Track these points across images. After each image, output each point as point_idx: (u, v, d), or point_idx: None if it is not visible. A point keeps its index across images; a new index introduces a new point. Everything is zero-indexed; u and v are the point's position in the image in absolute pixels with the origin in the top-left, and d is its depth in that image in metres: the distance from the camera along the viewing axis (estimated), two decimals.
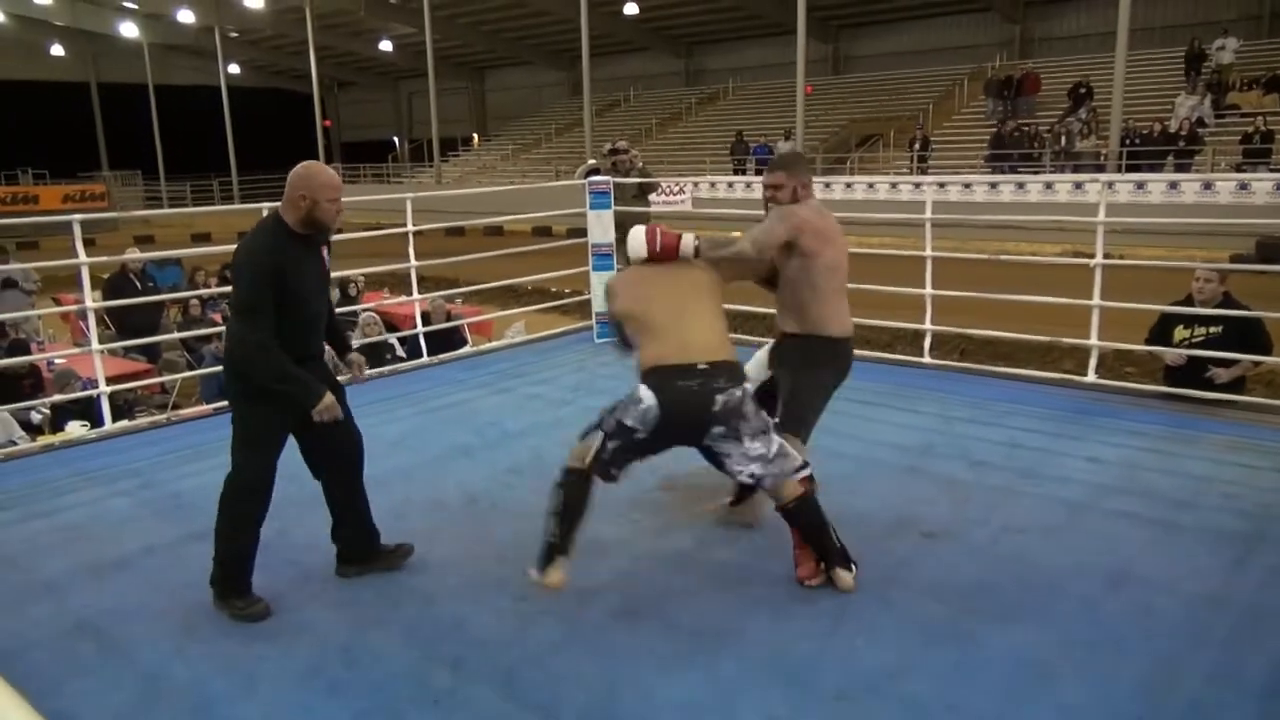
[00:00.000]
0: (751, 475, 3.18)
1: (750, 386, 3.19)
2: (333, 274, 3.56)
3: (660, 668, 2.84)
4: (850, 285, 6.48)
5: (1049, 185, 18.29)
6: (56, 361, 7.49)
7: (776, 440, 3.19)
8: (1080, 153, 19.90)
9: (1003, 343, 7.91)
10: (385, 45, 36.93)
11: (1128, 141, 18.83)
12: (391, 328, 8.81)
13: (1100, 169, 18.47)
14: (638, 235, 3.41)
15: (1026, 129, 21.04)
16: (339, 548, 3.54)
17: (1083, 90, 21.27)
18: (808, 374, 3.51)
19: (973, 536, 3.69)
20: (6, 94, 37.32)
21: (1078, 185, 17.49)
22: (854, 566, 3.29)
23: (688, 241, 3.38)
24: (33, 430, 6.58)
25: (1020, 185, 18.80)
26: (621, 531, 3.83)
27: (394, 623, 3.15)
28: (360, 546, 3.54)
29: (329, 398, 3.24)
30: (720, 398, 3.05)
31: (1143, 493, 4.09)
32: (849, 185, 20.79)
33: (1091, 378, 5.65)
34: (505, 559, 3.59)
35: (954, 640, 2.94)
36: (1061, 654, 2.86)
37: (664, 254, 3.39)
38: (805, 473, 3.30)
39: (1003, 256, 6.71)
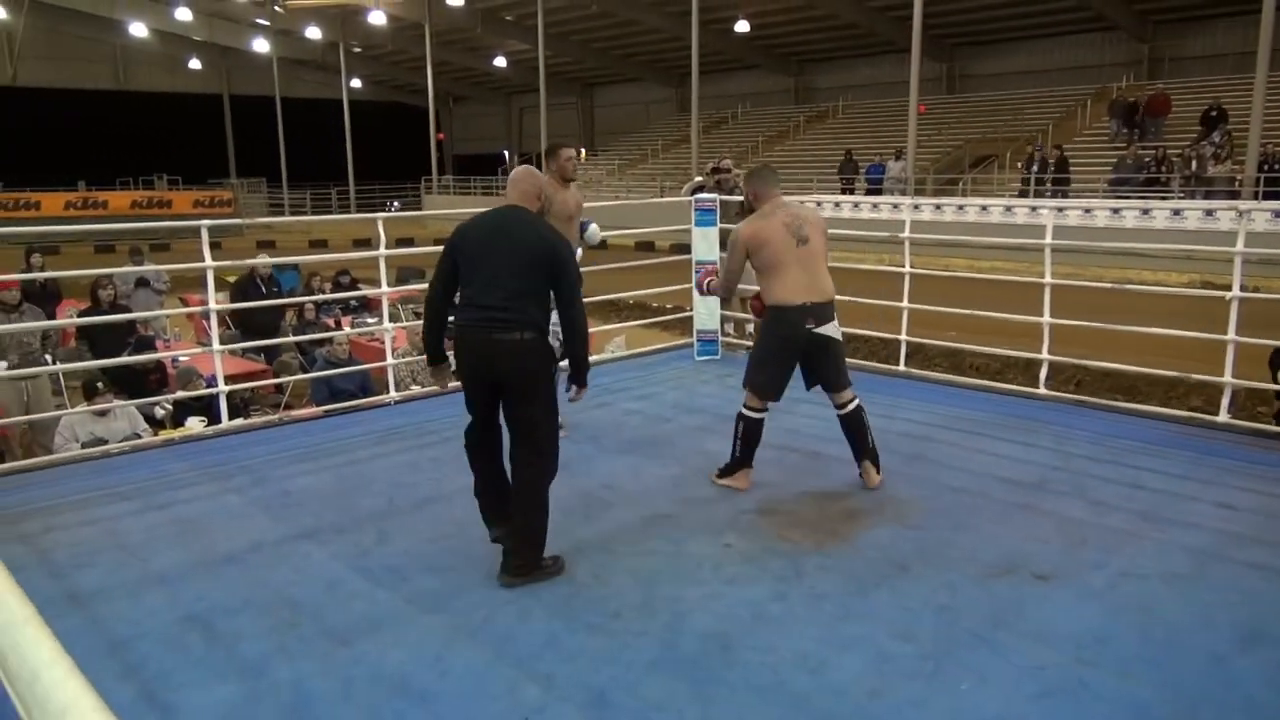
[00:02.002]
0: None
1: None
2: None
3: (755, 698, 2.77)
4: (960, 310, 6.27)
5: (1177, 212, 17.42)
6: (180, 359, 7.86)
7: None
8: (1213, 178, 18.91)
9: (1123, 376, 7.55)
10: (499, 61, 37.83)
11: (1265, 167, 17.80)
12: None
13: (1234, 195, 17.51)
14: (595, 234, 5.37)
15: (1154, 152, 20.11)
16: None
17: (1214, 113, 20.23)
18: (757, 338, 4.53)
19: (1089, 580, 3.50)
20: (148, 104, 39.74)
21: (1209, 212, 16.63)
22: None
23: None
24: (155, 424, 6.91)
25: (1145, 211, 17.96)
26: (716, 554, 3.77)
27: (487, 635, 3.16)
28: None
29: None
30: None
31: None
32: (960, 208, 20.24)
33: (1224, 417, 5.32)
34: (600, 576, 3.58)
35: (1067, 692, 2.77)
36: (1186, 714, 2.67)
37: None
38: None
39: (1127, 286, 6.39)
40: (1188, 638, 3.07)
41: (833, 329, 4.33)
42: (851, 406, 4.42)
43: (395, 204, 36.95)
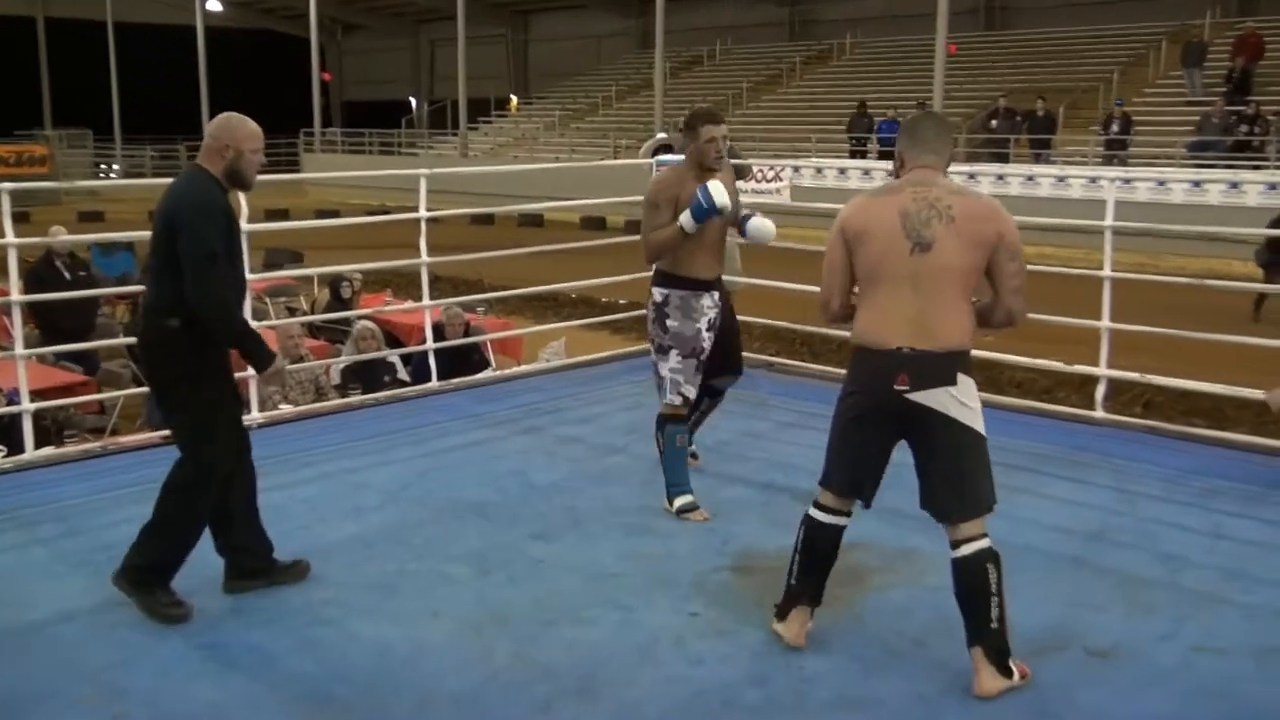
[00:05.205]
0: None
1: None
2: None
3: None
4: None
5: (1275, 185, 17.81)
6: None
7: (658, 370, 4.97)
8: None
9: (1204, 396, 7.68)
10: None
11: None
12: (394, 342, 8.90)
13: None
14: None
15: (1244, 110, 20.56)
16: (237, 561, 3.99)
17: None
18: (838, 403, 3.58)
19: (1157, 657, 3.56)
20: None
21: None
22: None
23: None
24: None
25: (1234, 184, 18.35)
26: (678, 625, 3.78)
27: None
28: (264, 559, 4.05)
29: (280, 361, 3.93)
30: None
31: None
32: (1001, 177, 20.53)
33: None
34: (524, 655, 3.56)
35: None
36: None
37: None
38: (670, 402, 4.92)
39: (1209, 281, 6.53)
40: None
41: (945, 399, 3.34)
42: (969, 550, 3.37)
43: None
